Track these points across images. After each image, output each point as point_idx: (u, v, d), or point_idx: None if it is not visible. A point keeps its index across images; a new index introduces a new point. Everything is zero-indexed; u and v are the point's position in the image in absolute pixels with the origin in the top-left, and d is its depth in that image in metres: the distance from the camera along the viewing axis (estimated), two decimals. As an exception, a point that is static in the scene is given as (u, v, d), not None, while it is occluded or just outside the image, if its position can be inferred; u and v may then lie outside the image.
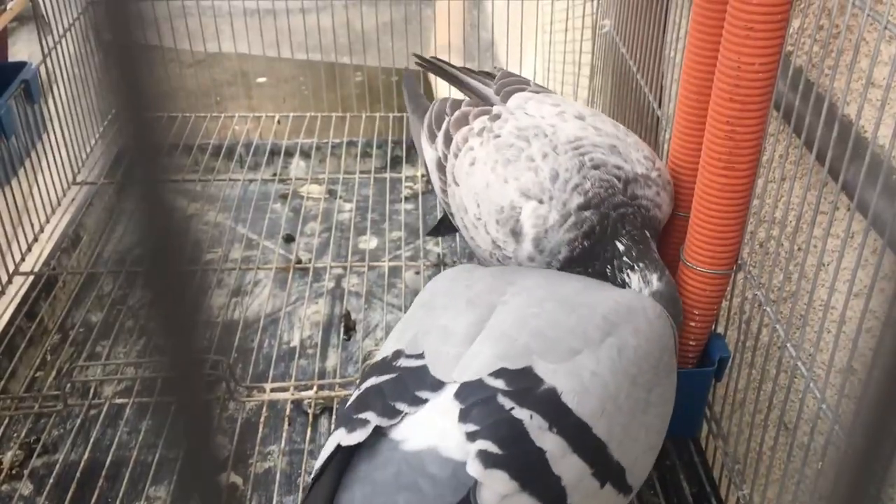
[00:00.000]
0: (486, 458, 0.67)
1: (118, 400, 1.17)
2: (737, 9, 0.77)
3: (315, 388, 1.19)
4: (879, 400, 0.24)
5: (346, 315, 1.35)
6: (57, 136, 1.55)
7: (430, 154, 1.08)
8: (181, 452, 0.26)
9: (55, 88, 1.54)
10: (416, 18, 1.73)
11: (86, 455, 1.09)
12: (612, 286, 0.89)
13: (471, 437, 0.68)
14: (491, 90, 1.11)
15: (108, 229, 1.57)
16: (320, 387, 1.19)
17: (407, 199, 1.66)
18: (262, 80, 3.20)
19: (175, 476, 0.27)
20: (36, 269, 1.39)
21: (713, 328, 0.98)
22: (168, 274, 0.24)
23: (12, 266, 1.37)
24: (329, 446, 0.73)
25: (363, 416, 0.72)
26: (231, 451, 1.10)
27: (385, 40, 1.81)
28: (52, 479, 1.05)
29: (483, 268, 0.92)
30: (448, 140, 1.04)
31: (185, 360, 0.25)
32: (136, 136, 0.22)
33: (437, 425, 0.70)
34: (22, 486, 1.07)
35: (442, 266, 1.45)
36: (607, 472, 0.72)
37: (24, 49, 2.29)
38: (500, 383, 0.71)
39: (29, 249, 1.41)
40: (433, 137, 1.08)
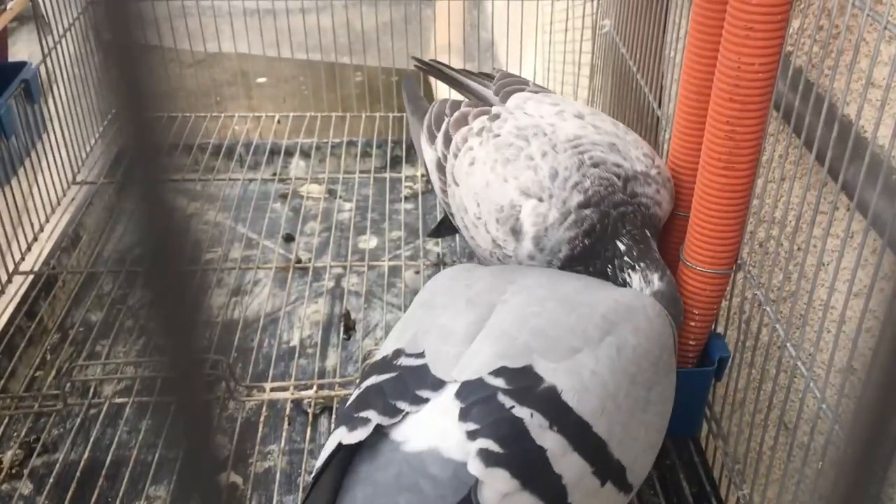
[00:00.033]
0: (487, 457, 0.67)
1: (118, 399, 1.18)
2: (737, 9, 0.77)
3: (315, 388, 1.19)
4: (878, 400, 0.24)
5: (346, 315, 1.35)
6: (57, 135, 1.55)
7: (430, 155, 1.08)
8: (181, 452, 0.26)
9: (55, 88, 1.54)
10: (416, 18, 1.73)
11: (86, 454, 1.09)
12: (613, 285, 0.89)
13: (471, 435, 0.68)
14: (490, 91, 1.11)
15: (108, 229, 1.57)
16: (320, 386, 1.19)
17: (407, 198, 1.66)
18: (262, 80, 3.20)
19: (175, 476, 0.27)
20: (36, 268, 1.39)
21: (713, 328, 0.98)
22: (168, 274, 0.24)
23: (12, 265, 1.37)
24: (330, 445, 0.73)
25: (364, 414, 0.72)
26: (231, 451, 1.10)
27: (385, 40, 1.81)
28: (51, 479, 1.05)
29: (483, 267, 0.92)
30: (447, 140, 1.04)
31: (185, 359, 0.25)
32: (136, 136, 0.22)
33: (437, 425, 0.70)
34: (22, 486, 1.07)
35: (442, 266, 1.45)
36: (608, 470, 0.72)
37: (24, 49, 2.29)
38: (500, 382, 0.71)
39: (29, 249, 1.41)
40: (433, 138, 1.08)
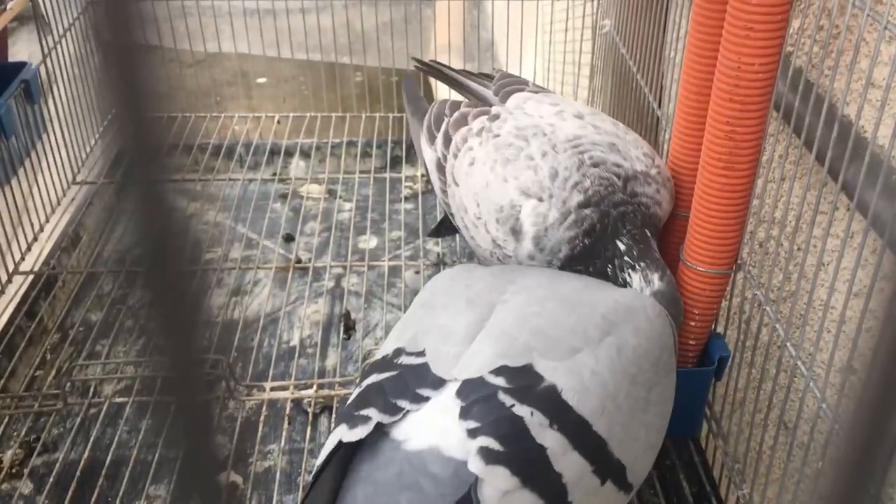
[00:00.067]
0: (488, 455, 0.67)
1: (118, 399, 1.18)
2: (737, 9, 0.77)
3: (315, 388, 1.19)
4: (878, 400, 0.24)
5: (346, 314, 1.35)
6: (57, 136, 1.55)
7: (430, 155, 1.08)
8: (181, 452, 0.26)
9: (55, 88, 1.54)
10: (416, 18, 1.73)
11: (86, 454, 1.09)
12: (613, 286, 0.89)
13: (472, 434, 0.68)
14: (490, 91, 1.11)
15: (108, 229, 1.57)
16: (320, 386, 1.19)
17: (407, 198, 1.66)
18: (262, 80, 3.20)
19: (175, 475, 0.27)
20: (36, 268, 1.39)
21: (713, 328, 0.98)
22: (168, 274, 0.24)
23: (12, 265, 1.37)
24: (330, 443, 0.73)
25: (364, 412, 0.72)
26: (231, 451, 1.11)
27: (385, 40, 1.81)
28: (52, 478, 1.05)
29: (483, 267, 0.92)
30: (447, 141, 1.04)
31: (185, 359, 0.25)
32: (136, 136, 0.22)
33: (438, 424, 0.70)
34: (22, 485, 1.07)
35: (442, 266, 1.45)
36: (608, 469, 0.72)
37: (24, 49, 2.29)
38: (500, 381, 0.71)
39: (29, 249, 1.41)
40: (432, 139, 1.08)
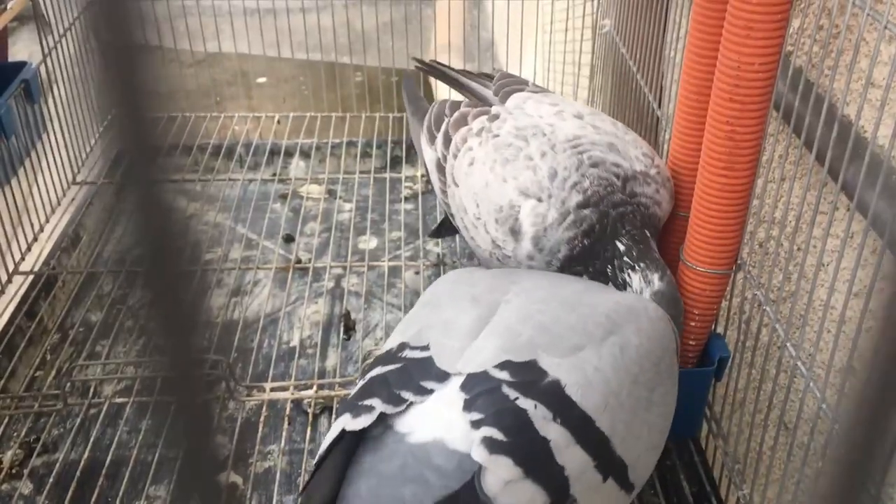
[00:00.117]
0: (491, 445, 0.67)
1: (118, 399, 1.18)
2: (737, 9, 0.77)
3: (315, 388, 1.19)
4: (877, 400, 0.24)
5: (346, 315, 1.35)
6: (57, 136, 1.55)
7: (430, 155, 1.09)
8: (181, 452, 0.26)
9: (55, 88, 1.54)
10: (416, 18, 1.73)
11: (86, 454, 1.09)
12: (613, 289, 0.89)
13: (475, 425, 0.69)
14: (489, 91, 1.11)
15: (108, 229, 1.57)
16: (320, 386, 1.19)
17: (407, 199, 1.66)
18: (262, 80, 3.20)
19: (175, 475, 0.27)
20: (36, 268, 1.39)
21: (713, 328, 0.98)
22: (168, 274, 0.24)
23: (12, 265, 1.37)
24: (333, 431, 0.73)
25: (368, 402, 0.72)
26: (231, 451, 1.10)
27: (385, 40, 1.81)
28: (51, 479, 1.05)
29: (484, 270, 0.92)
30: (447, 141, 1.04)
31: (185, 360, 0.25)
32: (136, 137, 0.22)
33: (442, 416, 0.70)
34: (22, 486, 1.07)
35: (442, 266, 1.45)
36: (610, 466, 0.72)
37: (24, 49, 2.29)
38: (504, 375, 0.72)
39: (29, 249, 1.41)
40: (432, 139, 1.08)
